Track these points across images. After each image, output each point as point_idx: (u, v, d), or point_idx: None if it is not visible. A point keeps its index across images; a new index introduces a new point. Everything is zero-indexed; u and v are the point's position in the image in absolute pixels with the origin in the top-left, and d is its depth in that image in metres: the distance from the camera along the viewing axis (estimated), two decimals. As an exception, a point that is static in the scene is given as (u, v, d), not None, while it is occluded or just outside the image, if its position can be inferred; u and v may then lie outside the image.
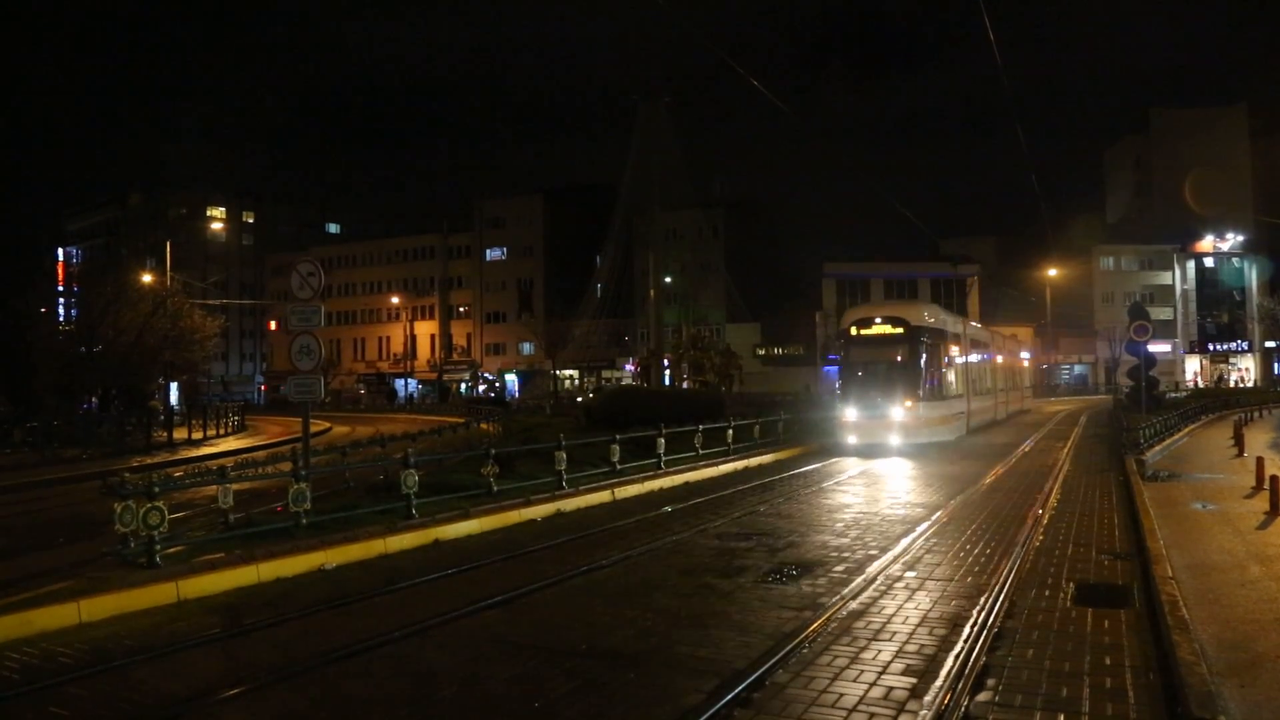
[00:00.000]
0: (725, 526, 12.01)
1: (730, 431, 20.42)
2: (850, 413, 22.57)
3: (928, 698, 5.54)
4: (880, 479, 17.38)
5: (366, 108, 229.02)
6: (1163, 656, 6.10)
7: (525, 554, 10.33)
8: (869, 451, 21.45)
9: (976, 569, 9.14)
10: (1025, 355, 47.94)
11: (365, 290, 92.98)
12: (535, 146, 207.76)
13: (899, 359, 22.59)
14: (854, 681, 5.86)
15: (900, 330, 22.79)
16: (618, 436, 16.57)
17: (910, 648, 6.54)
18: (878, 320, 23.45)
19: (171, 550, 9.21)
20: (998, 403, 33.87)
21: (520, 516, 12.65)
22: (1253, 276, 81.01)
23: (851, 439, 22.25)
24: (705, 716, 5.30)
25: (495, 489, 13.22)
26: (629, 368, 70.41)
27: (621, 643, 6.86)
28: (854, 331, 23.54)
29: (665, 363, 46.76)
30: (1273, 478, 11.64)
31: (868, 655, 6.39)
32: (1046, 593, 8.10)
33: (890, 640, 6.73)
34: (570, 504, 13.69)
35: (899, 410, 21.81)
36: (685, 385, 47.20)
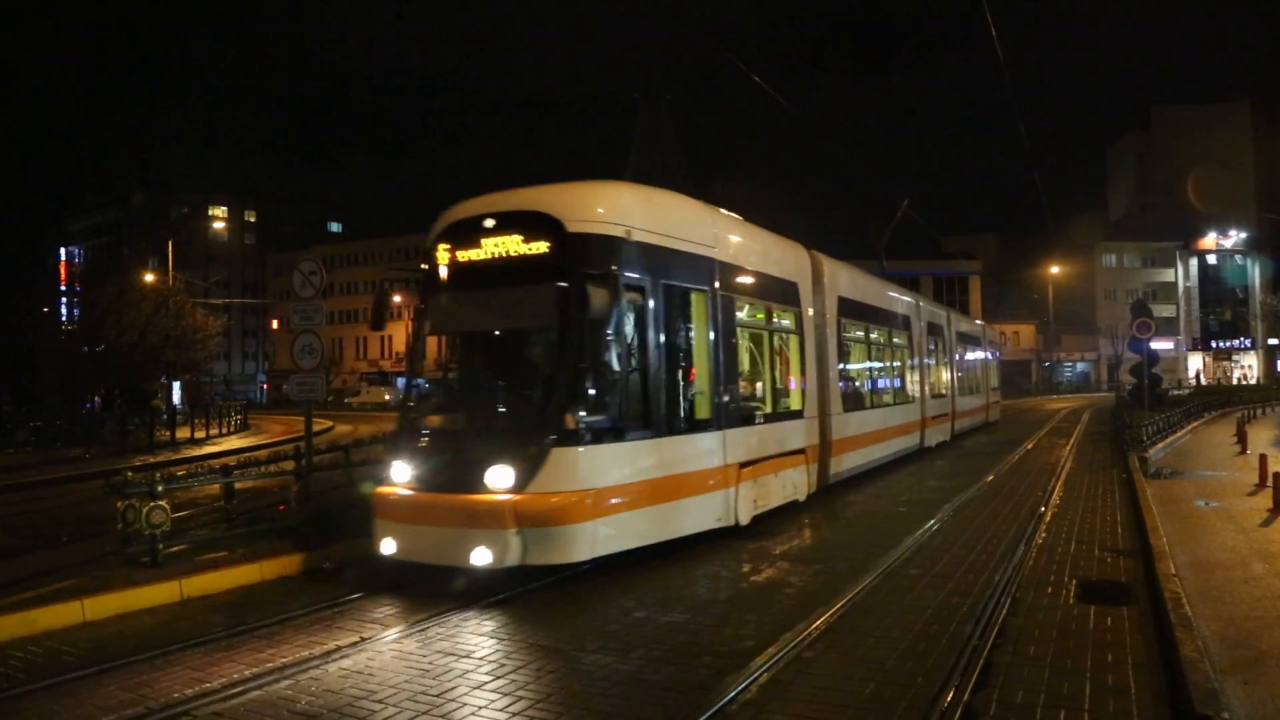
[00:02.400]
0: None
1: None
2: (399, 473, 8.79)
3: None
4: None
5: (367, 107, 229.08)
6: (1166, 653, 6.10)
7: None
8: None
9: None
10: (989, 353, 32.38)
11: (367, 289, 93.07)
12: (535, 145, 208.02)
13: (535, 320, 9.22)
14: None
15: (544, 247, 8.85)
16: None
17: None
18: (489, 223, 9.14)
19: (175, 549, 9.24)
20: (924, 420, 20.59)
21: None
22: (1255, 274, 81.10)
23: (389, 546, 8.53)
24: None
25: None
26: (631, 366, 70.25)
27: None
28: (443, 254, 9.44)
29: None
30: (1276, 475, 11.61)
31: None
32: (1049, 589, 8.10)
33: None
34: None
35: (507, 472, 8.08)
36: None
